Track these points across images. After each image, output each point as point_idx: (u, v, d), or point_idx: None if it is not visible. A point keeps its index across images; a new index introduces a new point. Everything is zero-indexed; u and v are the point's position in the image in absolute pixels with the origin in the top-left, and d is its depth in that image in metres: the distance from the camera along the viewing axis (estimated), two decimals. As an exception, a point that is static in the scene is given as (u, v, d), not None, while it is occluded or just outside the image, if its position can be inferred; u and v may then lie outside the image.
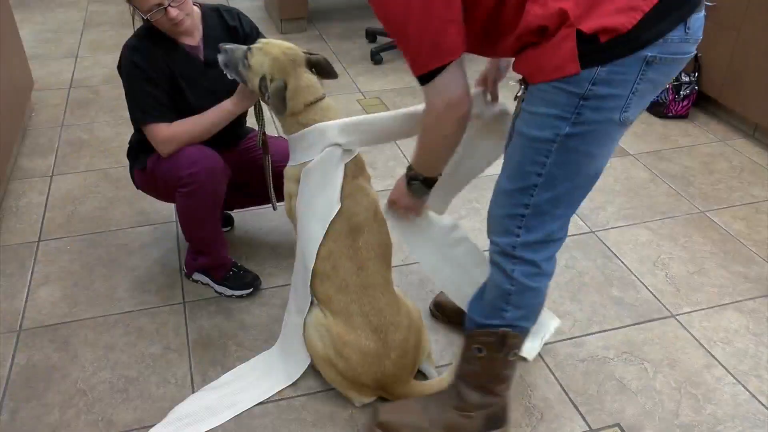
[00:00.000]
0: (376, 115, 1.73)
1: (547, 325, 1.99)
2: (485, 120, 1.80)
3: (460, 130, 1.45)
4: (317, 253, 1.72)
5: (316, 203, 1.71)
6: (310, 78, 1.74)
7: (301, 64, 1.74)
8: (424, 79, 1.38)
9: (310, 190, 1.72)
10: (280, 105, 1.71)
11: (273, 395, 1.84)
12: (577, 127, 1.35)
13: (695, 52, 1.37)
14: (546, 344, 2.01)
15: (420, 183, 1.63)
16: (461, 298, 1.83)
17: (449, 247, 1.83)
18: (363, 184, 1.76)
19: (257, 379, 1.87)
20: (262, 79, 1.73)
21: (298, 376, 1.87)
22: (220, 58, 1.81)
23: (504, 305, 1.55)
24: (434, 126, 1.45)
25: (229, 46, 1.80)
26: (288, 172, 1.80)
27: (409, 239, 1.83)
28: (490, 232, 1.55)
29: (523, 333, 1.59)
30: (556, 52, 1.30)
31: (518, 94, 1.56)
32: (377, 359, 1.70)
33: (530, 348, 1.94)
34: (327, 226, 1.70)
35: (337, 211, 1.70)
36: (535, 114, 1.38)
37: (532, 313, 1.58)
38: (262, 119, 2.04)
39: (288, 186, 1.81)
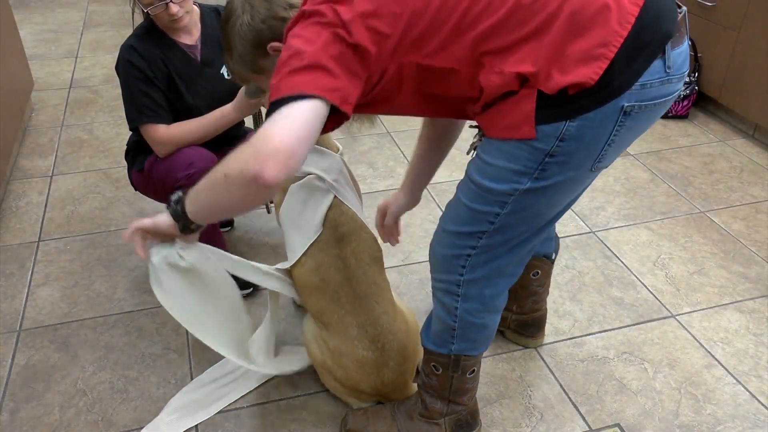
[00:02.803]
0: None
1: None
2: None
3: (244, 192, 1.13)
4: (305, 266, 1.70)
5: (299, 219, 1.70)
6: None
7: None
8: (277, 104, 1.13)
9: (294, 206, 1.71)
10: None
11: (273, 395, 1.84)
12: (540, 182, 1.25)
13: (681, 87, 1.26)
14: (546, 344, 2.01)
15: (173, 214, 1.34)
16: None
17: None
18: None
19: (243, 373, 1.89)
20: None
21: (275, 371, 1.86)
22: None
23: (450, 338, 1.52)
24: (229, 162, 1.14)
25: None
26: None
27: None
28: (433, 270, 1.48)
29: (476, 356, 1.56)
30: (512, 111, 1.20)
31: (474, 141, 1.43)
32: (376, 368, 1.69)
33: None
34: (307, 245, 1.68)
35: (318, 235, 1.68)
36: (492, 165, 1.27)
37: (481, 344, 1.54)
38: (261, 125, 2.03)
39: (276, 195, 1.81)
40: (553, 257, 1.87)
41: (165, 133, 1.95)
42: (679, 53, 1.21)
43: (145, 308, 2.15)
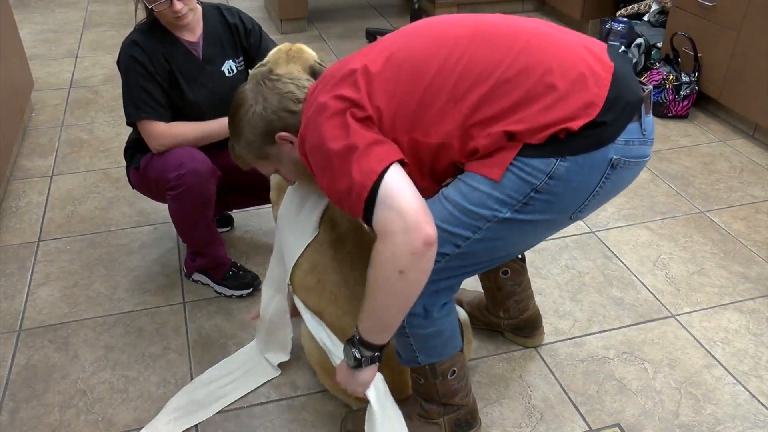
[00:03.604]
0: None
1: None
2: None
3: (423, 264, 1.21)
4: (301, 267, 1.69)
5: (296, 220, 1.69)
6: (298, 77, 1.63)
7: (299, 63, 1.65)
8: (370, 204, 1.22)
9: (290, 207, 1.70)
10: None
11: (273, 395, 1.84)
12: (520, 215, 1.28)
13: (650, 153, 1.35)
14: (546, 344, 2.01)
15: (369, 357, 1.39)
16: None
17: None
18: None
19: (243, 374, 1.89)
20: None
21: (278, 372, 1.89)
22: None
23: (413, 353, 1.51)
24: (389, 262, 1.21)
25: None
26: (273, 179, 1.78)
27: None
28: None
29: (450, 358, 1.54)
30: (493, 156, 1.26)
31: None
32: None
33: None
34: (304, 246, 1.67)
35: (314, 237, 1.67)
36: (476, 189, 1.28)
37: (444, 347, 1.52)
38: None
39: (272, 193, 1.79)
40: (519, 255, 1.84)
41: (162, 131, 1.95)
42: (649, 121, 1.33)
43: (145, 308, 2.15)
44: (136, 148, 2.09)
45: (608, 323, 2.10)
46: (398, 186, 1.22)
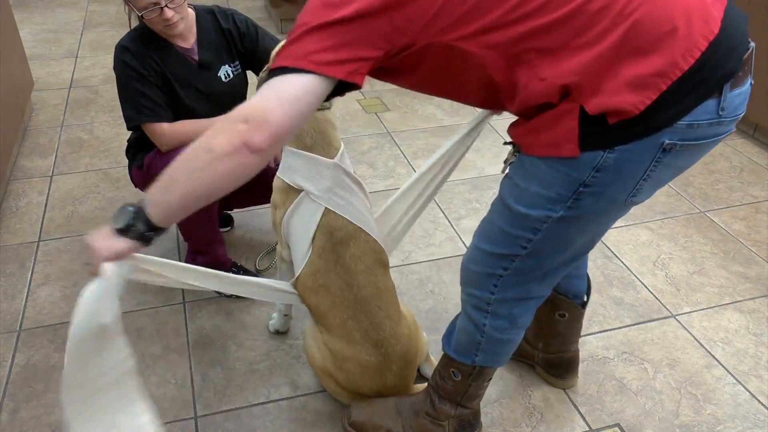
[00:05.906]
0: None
1: None
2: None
3: (231, 163, 1.07)
4: (304, 271, 1.69)
5: (298, 234, 1.69)
6: None
7: None
8: (275, 72, 1.09)
9: (291, 225, 1.70)
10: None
11: (273, 395, 1.84)
12: (573, 211, 1.22)
13: (732, 128, 1.16)
14: (546, 344, 2.01)
15: (138, 231, 1.17)
16: None
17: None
18: None
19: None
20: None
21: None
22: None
23: (474, 351, 1.52)
24: (210, 133, 1.09)
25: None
26: (276, 182, 1.76)
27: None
28: (464, 283, 1.47)
29: (498, 367, 1.57)
30: (554, 127, 1.13)
31: (508, 158, 1.35)
32: (378, 373, 1.68)
33: None
34: (307, 257, 1.67)
35: (311, 242, 1.67)
36: (526, 191, 1.23)
37: (505, 356, 1.54)
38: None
39: (273, 196, 1.77)
40: (584, 299, 1.77)
41: (168, 131, 1.95)
42: (738, 94, 1.13)
43: (145, 308, 2.15)
44: (138, 147, 2.09)
45: (608, 323, 2.10)
46: (297, 93, 1.06)
